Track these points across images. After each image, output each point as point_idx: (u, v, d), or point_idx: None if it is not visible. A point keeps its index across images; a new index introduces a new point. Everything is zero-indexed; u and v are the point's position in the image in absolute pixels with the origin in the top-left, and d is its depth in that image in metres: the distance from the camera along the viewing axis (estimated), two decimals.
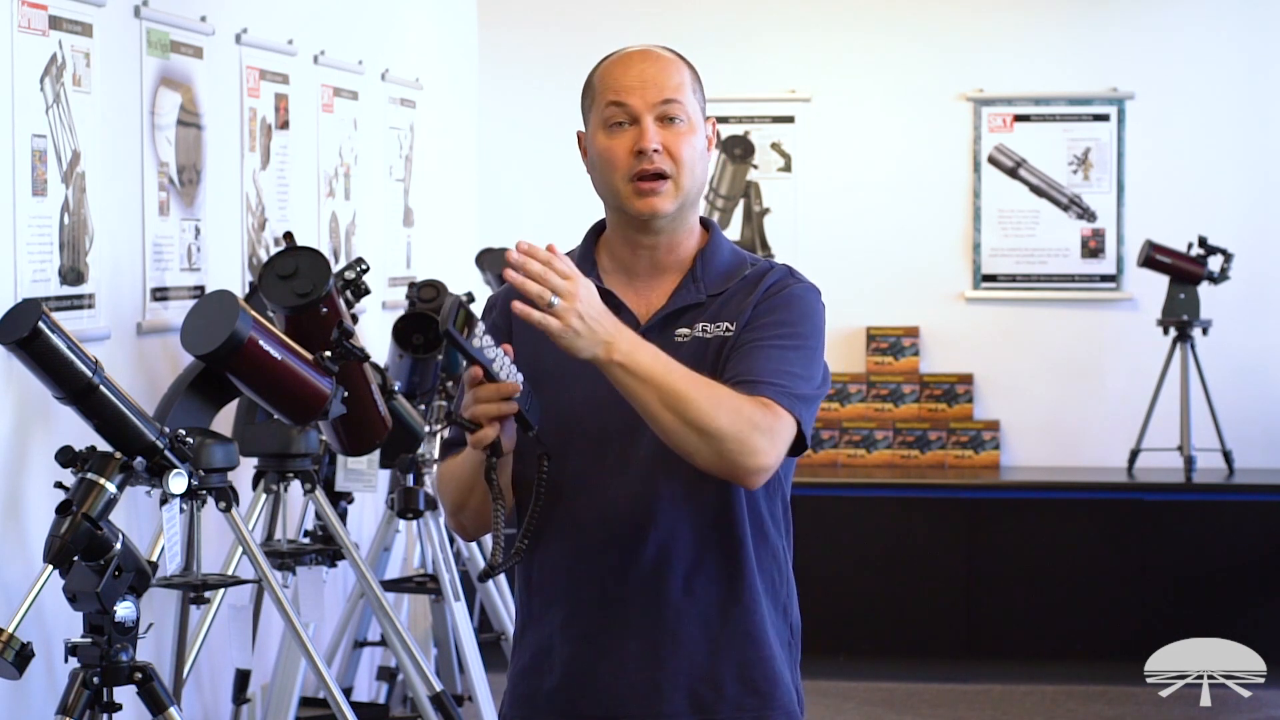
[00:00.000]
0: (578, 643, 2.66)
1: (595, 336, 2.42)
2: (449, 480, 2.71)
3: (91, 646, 3.24)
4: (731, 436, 2.48)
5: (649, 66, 2.65)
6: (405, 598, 5.65)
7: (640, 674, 2.64)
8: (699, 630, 2.64)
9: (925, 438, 8.04)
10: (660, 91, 2.63)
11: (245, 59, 5.35)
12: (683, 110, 2.63)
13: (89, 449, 3.23)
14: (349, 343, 3.91)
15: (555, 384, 2.62)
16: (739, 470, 2.51)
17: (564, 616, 2.67)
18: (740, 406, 2.50)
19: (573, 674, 2.67)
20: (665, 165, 2.62)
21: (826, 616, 7.52)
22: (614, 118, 2.64)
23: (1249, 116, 8.09)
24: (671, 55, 2.69)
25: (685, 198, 2.66)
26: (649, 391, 2.46)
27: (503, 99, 8.22)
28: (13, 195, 3.96)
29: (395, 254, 6.86)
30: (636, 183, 2.63)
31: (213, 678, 5.03)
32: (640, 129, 2.62)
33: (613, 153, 2.64)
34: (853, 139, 8.13)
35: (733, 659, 2.66)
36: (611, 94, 2.65)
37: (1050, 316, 8.20)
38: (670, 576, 2.63)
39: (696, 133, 2.65)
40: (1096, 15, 8.15)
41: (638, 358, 2.45)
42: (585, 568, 2.65)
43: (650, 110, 2.63)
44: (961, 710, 6.86)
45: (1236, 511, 7.54)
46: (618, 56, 2.70)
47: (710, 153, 2.71)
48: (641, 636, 2.64)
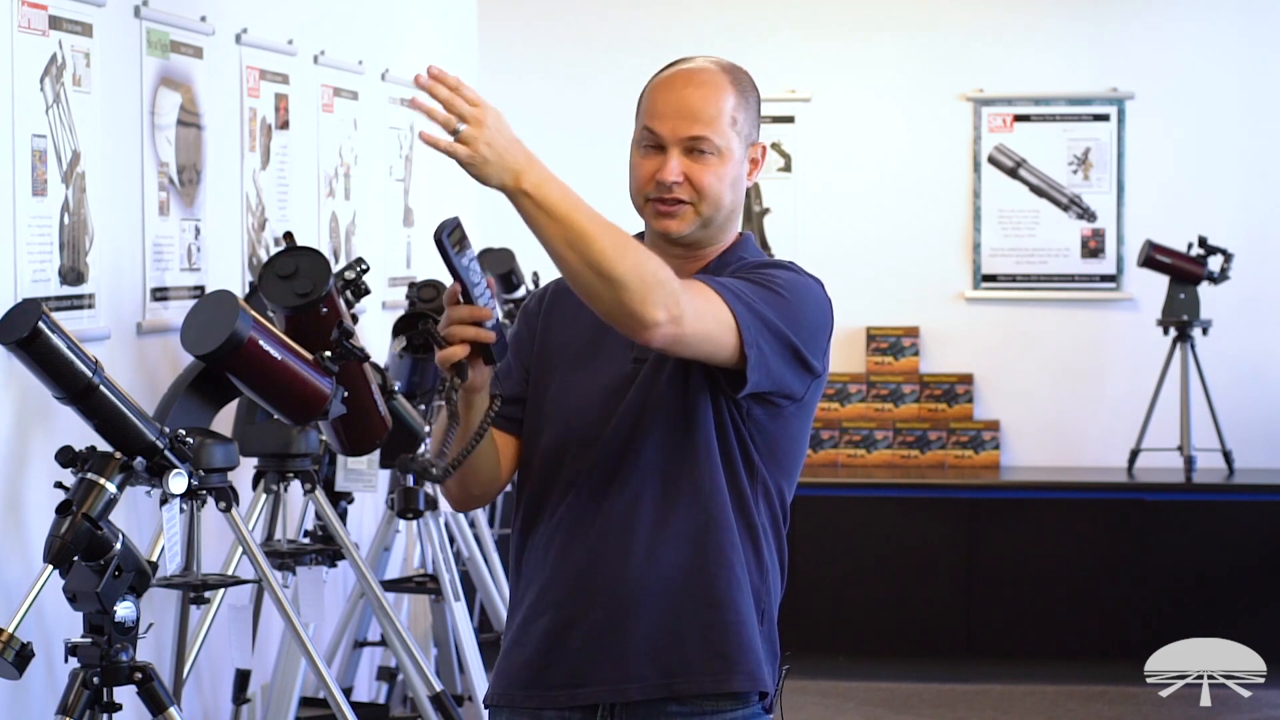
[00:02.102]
0: (549, 613, 2.71)
1: (503, 163, 2.38)
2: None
3: (91, 646, 3.24)
4: (633, 286, 2.44)
5: (691, 93, 2.68)
6: (405, 598, 5.65)
7: (606, 640, 2.68)
8: (663, 597, 2.67)
9: (925, 438, 8.04)
10: (691, 125, 2.66)
11: (245, 59, 5.35)
12: (712, 144, 2.66)
13: (89, 449, 3.23)
14: (349, 343, 3.92)
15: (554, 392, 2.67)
16: (633, 322, 2.47)
17: (537, 591, 2.73)
18: (648, 262, 2.47)
19: (544, 646, 2.72)
20: (684, 195, 2.67)
21: (826, 616, 7.53)
22: (645, 140, 2.70)
23: (1249, 116, 8.09)
24: (720, 78, 2.71)
25: (706, 221, 2.70)
26: (554, 227, 2.41)
27: (503, 98, 8.19)
28: (13, 195, 3.96)
29: (395, 254, 6.86)
30: (655, 204, 2.69)
31: (213, 678, 5.03)
32: (665, 159, 2.67)
33: (639, 171, 2.71)
34: (853, 139, 8.13)
35: (697, 625, 2.68)
36: (647, 117, 2.70)
37: (1050, 316, 8.20)
38: (634, 544, 2.67)
39: (728, 162, 2.68)
40: (1096, 15, 8.15)
41: (546, 190, 2.41)
42: (558, 544, 2.71)
43: (678, 144, 2.67)
44: (961, 710, 6.87)
45: (1236, 511, 7.54)
46: (667, 75, 2.73)
47: (753, 177, 2.75)
48: (607, 604, 2.68)
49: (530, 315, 2.82)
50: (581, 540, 2.70)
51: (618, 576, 2.67)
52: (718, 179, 2.67)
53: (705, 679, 2.68)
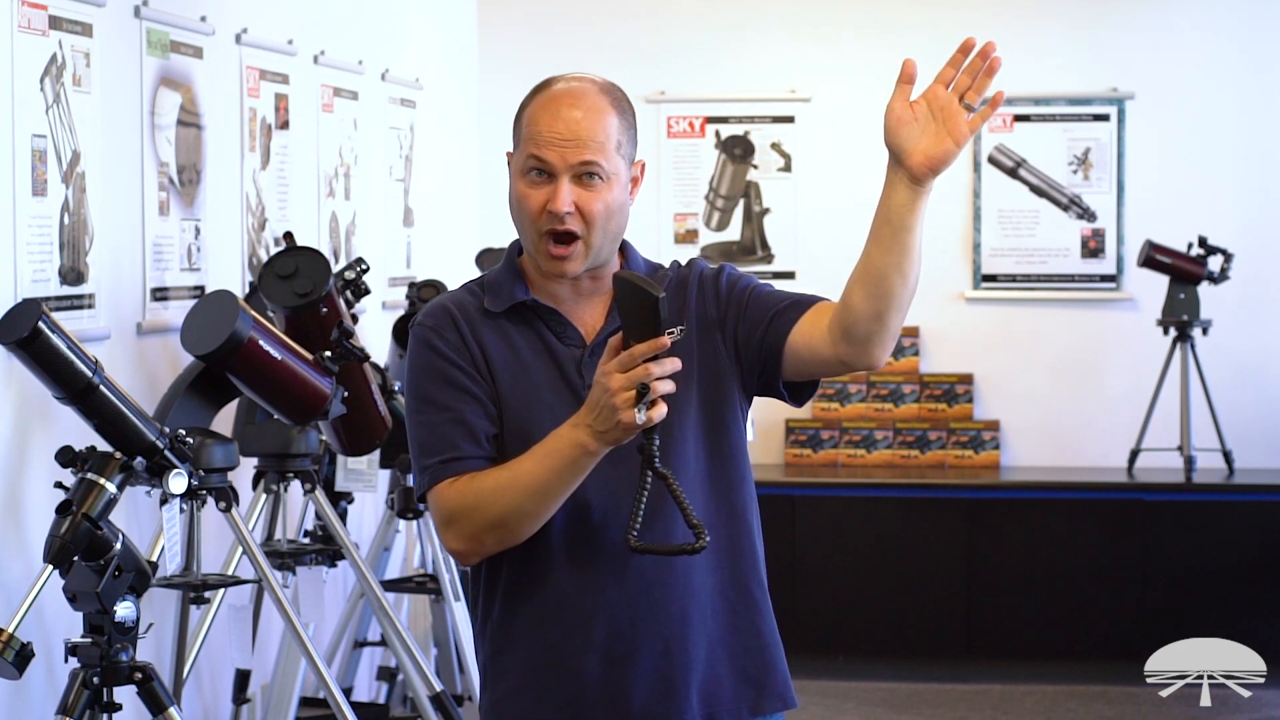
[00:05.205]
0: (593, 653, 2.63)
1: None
2: (503, 490, 2.56)
3: (91, 646, 3.24)
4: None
5: (577, 117, 2.60)
6: (405, 598, 5.65)
7: (656, 673, 2.62)
8: (703, 631, 2.64)
9: (925, 438, 8.04)
10: (580, 150, 2.59)
11: (245, 59, 5.35)
12: (601, 168, 2.60)
13: (89, 449, 3.23)
14: (349, 343, 3.92)
15: (544, 405, 2.63)
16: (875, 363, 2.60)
17: (572, 628, 2.64)
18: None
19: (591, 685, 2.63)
20: (576, 226, 2.60)
21: (826, 616, 7.53)
22: (532, 168, 2.62)
23: (1249, 117, 8.09)
24: (601, 100, 2.63)
25: (596, 251, 2.63)
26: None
27: (503, 99, 8.21)
28: (13, 195, 3.96)
29: (395, 254, 6.86)
30: (548, 242, 2.61)
31: (213, 678, 5.03)
32: (555, 188, 2.59)
33: (528, 202, 2.62)
34: (853, 139, 8.13)
35: (733, 651, 2.67)
36: (533, 146, 2.61)
37: (1050, 316, 8.20)
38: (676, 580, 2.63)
39: (615, 186, 2.62)
40: (1096, 15, 8.15)
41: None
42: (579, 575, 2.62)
43: (568, 170, 2.59)
44: (961, 710, 6.86)
45: (1236, 511, 7.53)
46: (548, 98, 2.64)
47: (634, 195, 2.68)
48: (655, 639, 2.62)
49: (456, 348, 2.64)
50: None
51: (666, 614, 2.62)
52: (605, 205, 2.60)
53: (741, 707, 2.67)
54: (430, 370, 2.64)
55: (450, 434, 2.60)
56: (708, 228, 8.25)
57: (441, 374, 2.63)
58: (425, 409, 2.63)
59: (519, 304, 2.67)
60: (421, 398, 2.64)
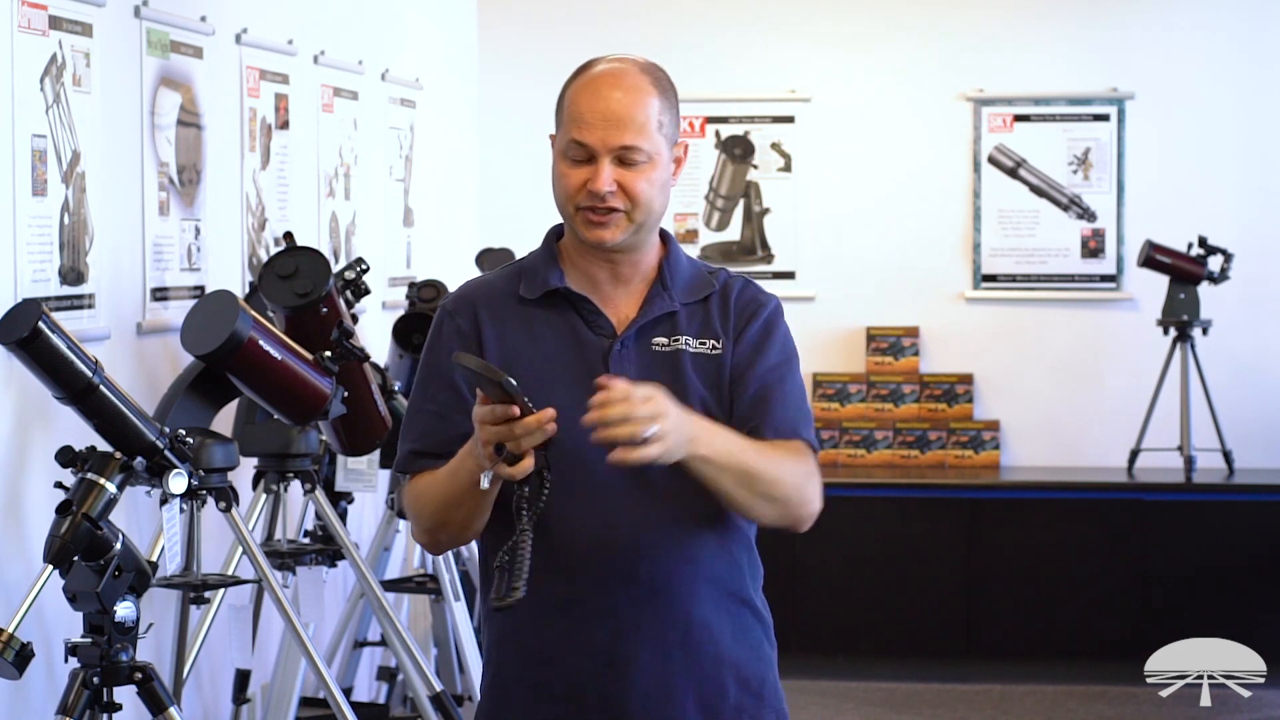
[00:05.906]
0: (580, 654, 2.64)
1: (682, 438, 2.46)
2: (428, 497, 2.65)
3: (91, 646, 3.24)
4: (794, 498, 2.63)
5: (618, 98, 2.59)
6: (405, 598, 5.65)
7: (655, 679, 2.62)
8: (707, 641, 2.65)
9: (925, 438, 8.04)
10: (621, 133, 2.58)
11: (245, 59, 5.35)
12: (644, 151, 2.59)
13: (89, 449, 3.23)
14: (349, 343, 3.92)
15: (558, 398, 2.61)
16: (799, 521, 2.67)
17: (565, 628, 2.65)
18: (793, 467, 2.62)
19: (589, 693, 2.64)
20: (618, 203, 2.60)
21: (826, 616, 7.53)
22: (573, 153, 2.61)
23: (1249, 116, 8.09)
24: (643, 80, 2.62)
25: (639, 227, 2.63)
26: (726, 476, 2.53)
27: (503, 99, 8.22)
28: (13, 195, 3.96)
29: (395, 254, 6.86)
30: (586, 212, 2.61)
31: (213, 678, 5.03)
32: (596, 169, 2.59)
33: (568, 181, 2.62)
34: (853, 139, 8.13)
35: (735, 660, 2.67)
36: (574, 128, 2.60)
37: (1050, 316, 8.20)
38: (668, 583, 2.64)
39: (658, 167, 2.62)
40: (1096, 15, 8.15)
41: (716, 447, 2.51)
42: (579, 582, 2.62)
43: (609, 152, 2.58)
44: (961, 710, 6.86)
45: (1236, 511, 7.54)
46: (589, 79, 2.63)
47: (677, 177, 2.69)
48: (651, 646, 2.62)
49: (464, 337, 2.67)
50: (603, 581, 2.62)
51: (667, 621, 2.63)
52: (649, 184, 2.60)
53: (741, 716, 2.67)
54: (432, 353, 2.71)
55: (428, 426, 2.68)
56: (708, 228, 8.25)
57: (439, 363, 2.67)
58: (418, 389, 2.73)
59: (552, 291, 2.67)
60: (419, 378, 2.74)
